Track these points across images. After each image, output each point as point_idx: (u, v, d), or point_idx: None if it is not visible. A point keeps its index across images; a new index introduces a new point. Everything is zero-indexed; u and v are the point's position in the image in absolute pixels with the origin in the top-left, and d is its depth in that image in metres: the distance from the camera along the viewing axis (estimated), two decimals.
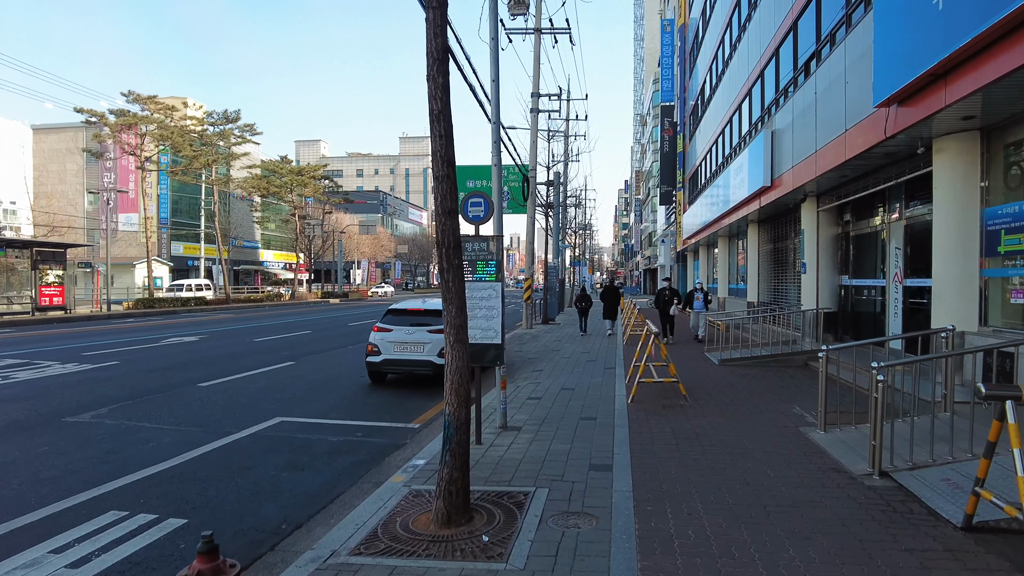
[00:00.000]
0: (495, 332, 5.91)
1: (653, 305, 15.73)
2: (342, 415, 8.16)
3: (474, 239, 5.93)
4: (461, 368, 4.03)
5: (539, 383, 9.76)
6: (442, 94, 3.86)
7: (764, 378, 9.85)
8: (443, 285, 4.01)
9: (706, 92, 26.02)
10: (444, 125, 3.88)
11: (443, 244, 3.98)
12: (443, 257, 3.98)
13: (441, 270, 4.00)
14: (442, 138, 3.88)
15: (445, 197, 3.94)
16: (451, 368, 4.02)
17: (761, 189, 14.71)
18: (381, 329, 10.42)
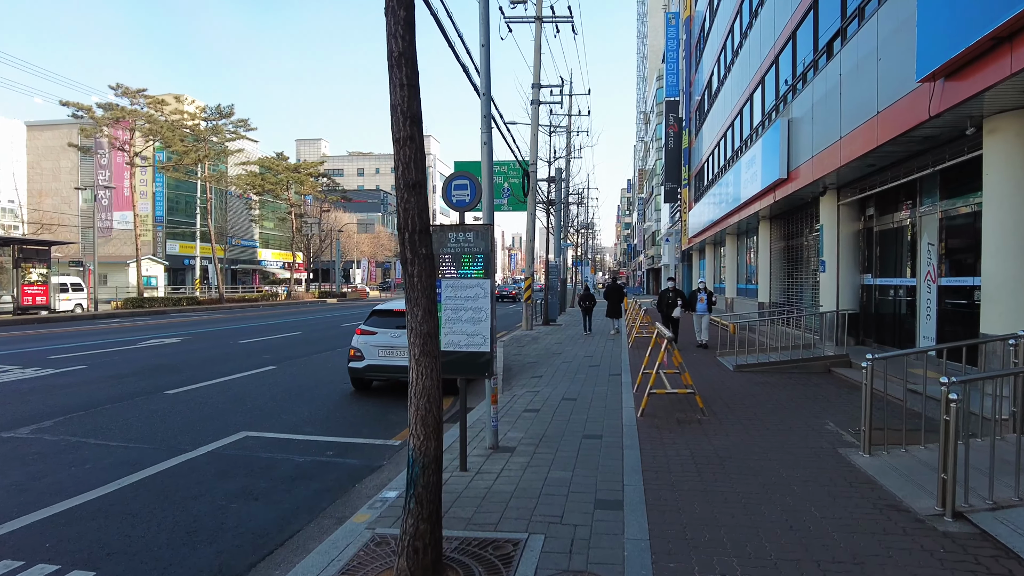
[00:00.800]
0: (483, 338, 5.00)
1: (656, 307, 14.54)
2: (316, 429, 7.26)
3: (458, 228, 5.03)
4: (430, 388, 3.12)
5: (538, 392, 8.85)
6: (404, 31, 2.95)
7: (786, 387, 8.93)
8: (406, 281, 3.10)
9: (713, 85, 25.08)
10: (407, 71, 2.97)
11: (405, 227, 3.07)
12: (405, 244, 3.07)
13: (404, 262, 3.10)
14: (404, 88, 2.97)
15: (409, 165, 3.02)
16: (416, 389, 3.11)
17: (776, 182, 13.78)
18: (364, 332, 9.53)
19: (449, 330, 5.04)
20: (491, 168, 5.89)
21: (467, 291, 5.01)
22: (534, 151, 20.46)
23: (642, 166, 75.92)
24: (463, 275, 5.02)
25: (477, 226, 4.99)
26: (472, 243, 5.00)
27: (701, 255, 33.54)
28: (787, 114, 13.38)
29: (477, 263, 4.99)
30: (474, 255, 5.00)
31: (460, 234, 5.01)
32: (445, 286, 5.05)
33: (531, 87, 20.57)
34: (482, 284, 5.00)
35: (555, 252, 27.62)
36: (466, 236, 5.01)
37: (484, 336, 5.00)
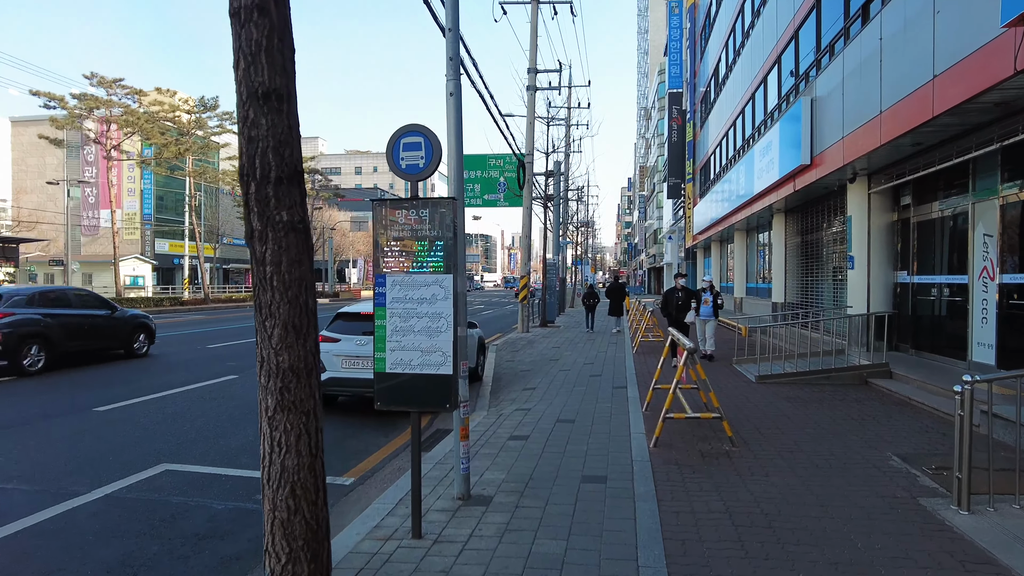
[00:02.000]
0: (443, 356, 3.63)
1: (660, 309, 11.71)
2: (255, 460, 5.89)
3: (408, 204, 3.66)
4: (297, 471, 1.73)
5: (529, 409, 7.48)
6: None
7: (822, 403, 7.55)
8: (254, 273, 1.72)
9: (720, 72, 23.70)
10: None
11: (251, 172, 1.69)
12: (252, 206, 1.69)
13: (249, 237, 1.72)
14: None
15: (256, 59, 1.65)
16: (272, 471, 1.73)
17: (797, 170, 12.40)
18: (326, 339, 8.16)
19: (396, 344, 3.67)
20: (459, 125, 4.51)
21: (421, 291, 3.64)
22: (530, 141, 19.09)
23: (643, 163, 74.55)
24: (416, 269, 3.65)
25: (435, 201, 3.62)
26: (428, 225, 3.63)
27: (706, 253, 32.18)
28: (810, 92, 11.99)
29: (435, 253, 3.62)
30: (431, 242, 3.62)
31: (411, 211, 3.64)
32: (391, 284, 3.68)
33: (527, 72, 19.21)
34: (442, 282, 3.62)
35: (553, 250, 26.23)
36: (419, 214, 3.64)
37: (444, 353, 3.62)
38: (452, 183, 4.45)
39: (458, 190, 4.41)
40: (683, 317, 11.23)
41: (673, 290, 11.59)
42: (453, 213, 3.59)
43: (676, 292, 11.44)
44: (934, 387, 7.67)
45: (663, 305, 11.51)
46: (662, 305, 11.54)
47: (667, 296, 11.58)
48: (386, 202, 3.68)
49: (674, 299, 11.34)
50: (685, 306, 11.35)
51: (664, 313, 11.58)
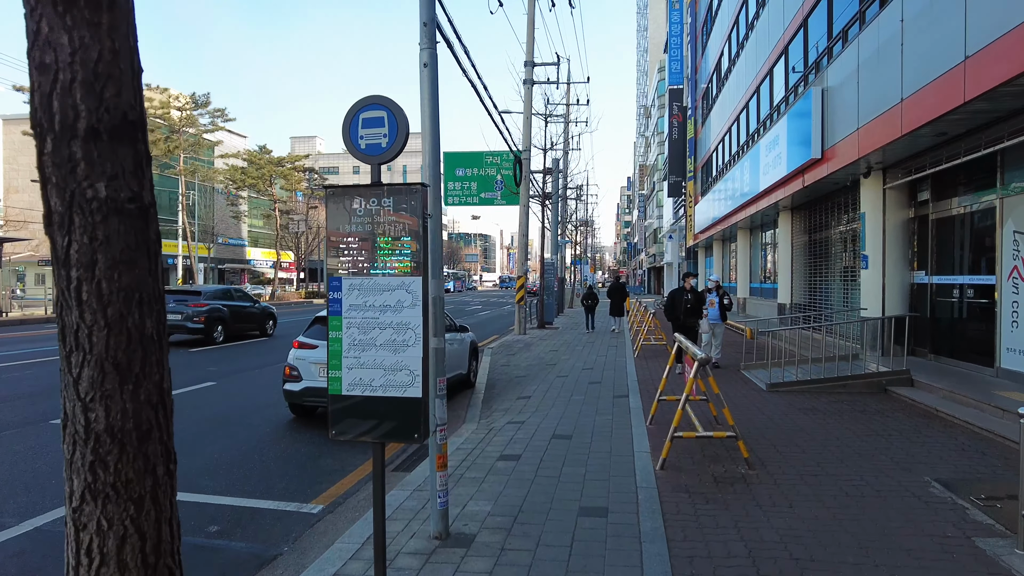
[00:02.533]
0: (410, 376, 3.01)
1: (665, 312, 10.46)
2: (215, 483, 5.29)
3: (369, 192, 3.03)
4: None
5: (522, 423, 6.86)
6: None
7: (842, 415, 6.93)
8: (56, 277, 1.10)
9: (723, 66, 23.08)
10: None
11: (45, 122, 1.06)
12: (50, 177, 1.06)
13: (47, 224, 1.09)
14: None
15: None
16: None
17: (807, 164, 11.79)
18: (303, 345, 7.56)
19: (354, 361, 3.05)
20: (434, 101, 3.90)
21: (383, 297, 3.01)
22: (527, 136, 18.48)
23: (643, 162, 73.96)
24: (379, 270, 3.02)
25: (401, 188, 3.00)
26: (394, 217, 3.00)
27: (708, 252, 31.59)
28: (821, 83, 11.37)
29: (402, 251, 3.00)
30: (397, 238, 3.00)
31: (372, 201, 3.02)
32: (348, 288, 3.06)
33: (524, 65, 18.58)
34: (409, 286, 3.00)
35: (552, 249, 25.62)
36: (381, 204, 3.01)
37: (412, 372, 3.00)
38: (427, 168, 3.83)
39: (434, 175, 3.79)
40: (693, 322, 9.94)
41: (681, 291, 10.14)
42: (423, 203, 2.97)
43: (685, 294, 10.02)
44: (963, 397, 7.05)
45: (669, 308, 10.21)
46: (668, 308, 10.17)
47: (674, 298, 10.18)
48: (341, 189, 3.06)
49: (682, 302, 9.96)
50: (695, 310, 9.97)
51: (670, 317, 10.22)
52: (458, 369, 9.30)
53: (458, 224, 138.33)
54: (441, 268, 3.56)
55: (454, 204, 27.68)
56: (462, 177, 27.55)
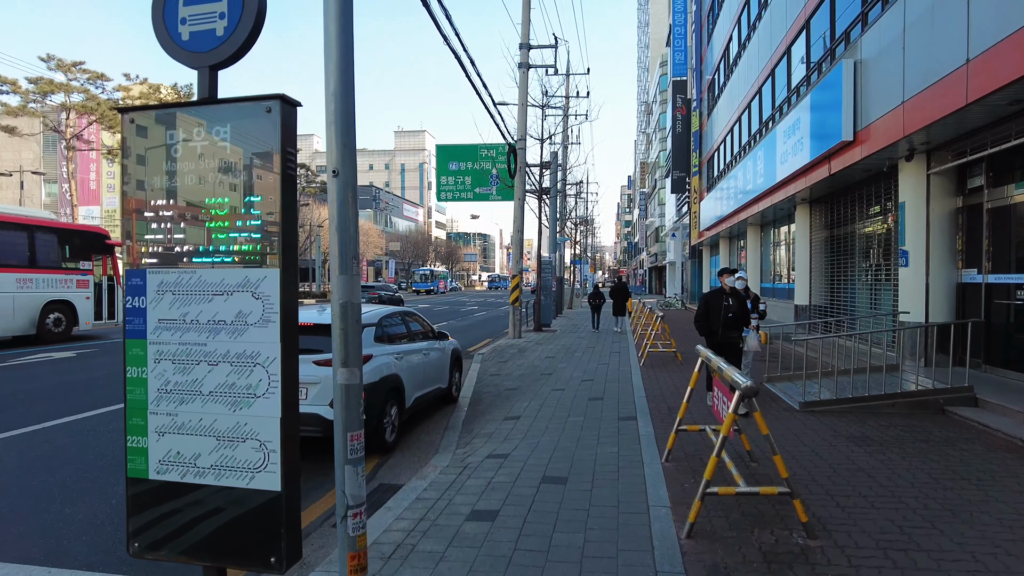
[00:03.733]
0: (260, 452, 1.62)
1: (696, 323, 7.41)
2: (93, 549, 3.92)
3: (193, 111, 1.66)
4: None
5: (506, 457, 5.50)
6: None
7: (903, 447, 5.57)
8: None
9: (731, 51, 21.73)
10: None
11: None
12: None
13: None
14: None
15: None
16: None
17: (836, 148, 10.43)
18: None
19: (167, 420, 1.71)
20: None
21: (215, 306, 1.65)
22: (522, 124, 17.12)
23: (644, 159, 72.63)
24: (207, 257, 1.66)
25: (245, 104, 1.62)
26: (230, 159, 1.63)
27: (714, 251, 30.23)
28: (852, 55, 10.01)
29: (251, 222, 1.63)
30: (236, 210, 1.63)
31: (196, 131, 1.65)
32: (155, 290, 1.70)
33: (519, 48, 17.23)
34: (258, 285, 1.63)
35: (549, 247, 24.26)
36: (213, 138, 1.64)
37: (264, 444, 1.63)
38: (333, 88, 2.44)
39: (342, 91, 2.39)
40: (735, 336, 7.23)
41: (718, 294, 7.27)
42: (283, 132, 1.60)
43: (724, 299, 7.20)
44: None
45: (702, 317, 7.28)
46: (700, 317, 7.29)
47: (709, 304, 7.26)
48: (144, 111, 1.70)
49: (721, 309, 7.14)
50: (739, 319, 7.16)
51: (704, 329, 7.27)
52: (437, 383, 7.95)
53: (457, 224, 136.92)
54: (356, 254, 2.22)
55: (447, 199, 26.36)
56: (455, 171, 26.21)
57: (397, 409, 6.49)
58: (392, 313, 7.22)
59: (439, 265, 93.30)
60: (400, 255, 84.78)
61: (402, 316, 7.45)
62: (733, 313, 7.16)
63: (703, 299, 7.49)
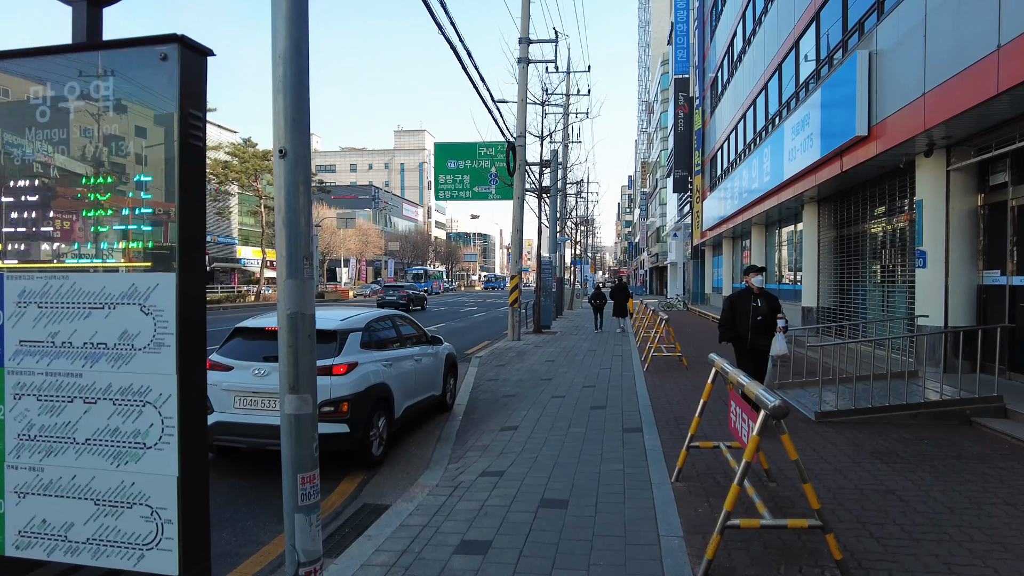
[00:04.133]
0: (151, 521, 1.17)
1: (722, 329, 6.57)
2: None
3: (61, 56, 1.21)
4: None
5: (502, 474, 5.06)
6: None
7: (933, 465, 5.12)
8: None
9: (736, 47, 21.29)
10: None
11: None
12: None
13: None
14: None
15: None
16: None
17: (849, 144, 9.99)
18: (216, 366, 5.76)
19: (30, 478, 1.24)
20: None
21: (92, 323, 1.19)
22: (522, 121, 16.68)
23: (645, 159, 72.21)
24: (83, 258, 1.21)
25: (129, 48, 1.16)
26: (115, 126, 1.18)
27: (716, 251, 29.78)
28: (867, 45, 9.57)
29: (141, 210, 1.18)
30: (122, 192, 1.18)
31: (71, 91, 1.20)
32: (14, 301, 1.24)
33: (518, 43, 16.79)
34: (148, 294, 1.17)
35: (550, 247, 23.82)
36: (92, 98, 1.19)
37: (156, 511, 1.18)
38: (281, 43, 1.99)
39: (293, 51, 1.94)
40: (763, 343, 6.32)
41: (745, 295, 6.41)
42: (180, 84, 1.15)
43: (752, 300, 6.33)
44: None
45: (727, 321, 6.45)
46: (725, 321, 6.48)
47: (735, 306, 6.42)
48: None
49: (749, 311, 6.27)
50: (767, 324, 6.28)
51: (728, 335, 6.44)
52: (429, 391, 7.50)
53: (457, 224, 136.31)
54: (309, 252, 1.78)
55: (445, 198, 25.94)
56: (454, 170, 25.78)
57: (385, 420, 6.06)
58: (381, 317, 6.77)
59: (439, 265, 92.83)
60: (399, 255, 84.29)
61: (392, 320, 7.01)
62: (762, 316, 6.23)
63: (728, 301, 6.63)
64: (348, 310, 6.81)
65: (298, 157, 1.89)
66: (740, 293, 6.57)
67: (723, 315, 6.56)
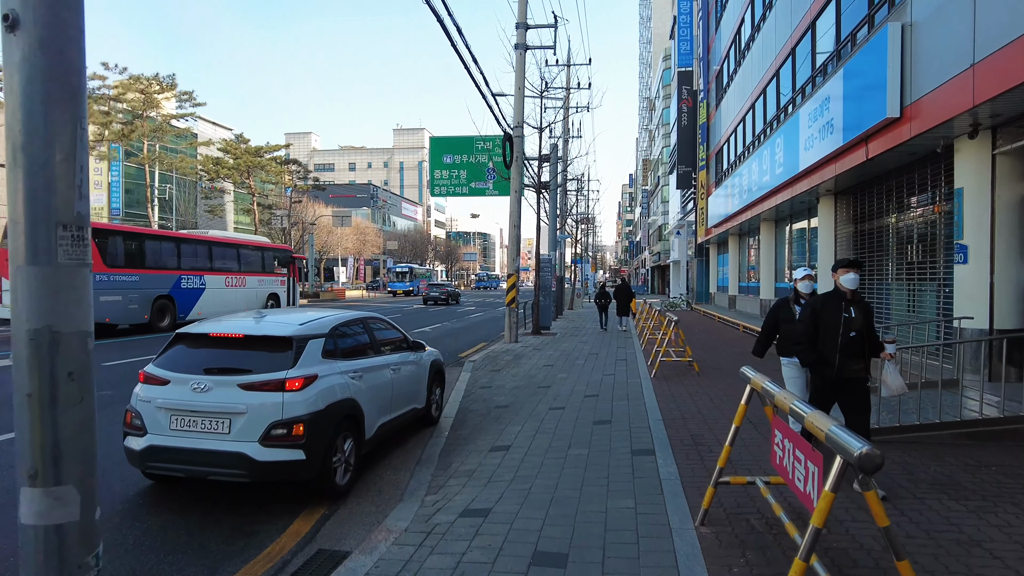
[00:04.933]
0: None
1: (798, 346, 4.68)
2: None
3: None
4: None
5: (487, 514, 4.15)
6: None
7: (1014, 499, 4.21)
8: None
9: (743, 35, 20.37)
10: None
11: None
12: None
13: None
14: None
15: None
16: None
17: (878, 127, 9.08)
18: (151, 379, 4.86)
19: None
20: None
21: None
22: (519, 110, 15.73)
23: (646, 156, 71.27)
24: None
25: None
26: None
27: (722, 248, 28.86)
28: (900, 17, 8.66)
29: None
30: None
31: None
32: None
33: (515, 28, 15.85)
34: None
35: (549, 245, 22.89)
36: None
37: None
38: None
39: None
40: (859, 369, 4.50)
41: (834, 302, 4.51)
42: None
43: (843, 308, 4.47)
44: None
45: (808, 336, 4.55)
46: (807, 336, 4.56)
47: (819, 314, 4.52)
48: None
49: (839, 324, 4.43)
50: (864, 342, 4.53)
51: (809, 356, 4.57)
52: (411, 403, 6.59)
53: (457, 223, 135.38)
54: (79, 215, 0.92)
55: (441, 195, 25.05)
56: (450, 165, 24.88)
57: (353, 442, 5.14)
58: (351, 320, 5.85)
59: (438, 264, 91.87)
60: (398, 254, 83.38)
61: (364, 323, 6.08)
62: (857, 332, 4.42)
63: (808, 309, 4.63)
64: (314, 312, 5.90)
65: (47, 31, 1.01)
66: (826, 298, 4.58)
67: (804, 328, 4.58)
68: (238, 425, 4.51)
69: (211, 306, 20.19)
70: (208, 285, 20.42)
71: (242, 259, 22.16)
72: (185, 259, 19.64)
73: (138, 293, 17.53)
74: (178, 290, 19.12)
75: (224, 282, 21.21)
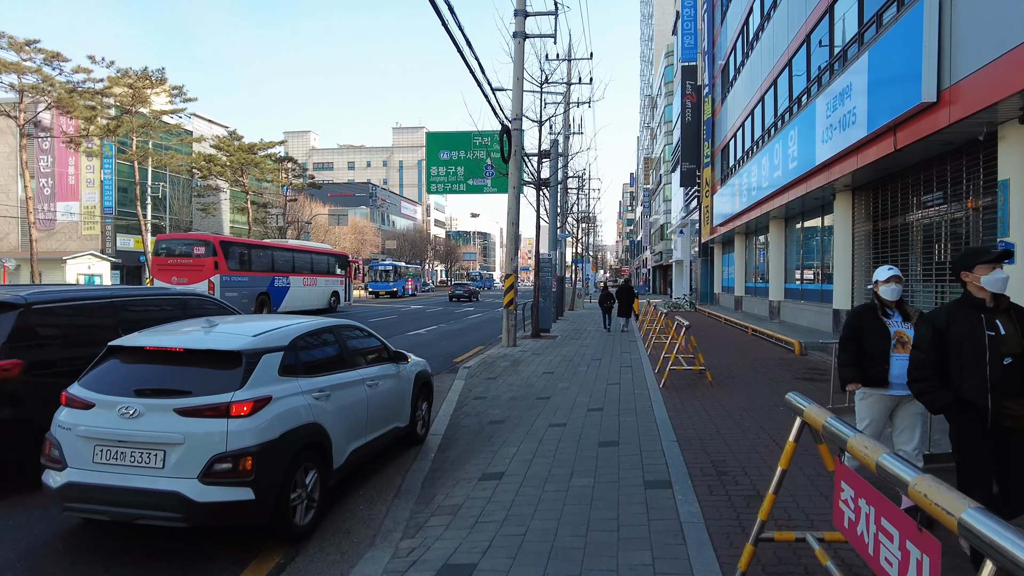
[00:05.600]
0: None
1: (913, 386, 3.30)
2: None
3: None
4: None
5: (474, 567, 3.36)
6: None
7: None
8: None
9: (752, 25, 19.57)
10: None
11: None
12: None
13: None
14: None
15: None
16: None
17: (910, 113, 8.29)
18: (73, 401, 4.08)
19: None
20: None
21: None
22: (518, 102, 14.95)
23: (648, 154, 70.45)
24: None
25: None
26: None
27: (727, 248, 28.06)
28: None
29: None
30: None
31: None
32: None
33: (514, 15, 15.07)
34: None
35: (549, 244, 22.12)
36: None
37: None
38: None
39: None
40: (1018, 409, 3.02)
41: (971, 313, 3.12)
42: None
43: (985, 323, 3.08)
44: None
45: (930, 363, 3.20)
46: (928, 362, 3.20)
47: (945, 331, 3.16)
48: None
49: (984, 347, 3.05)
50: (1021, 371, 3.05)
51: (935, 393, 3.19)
52: (392, 422, 5.80)
53: (456, 222, 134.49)
54: None
55: (438, 192, 24.28)
56: (447, 161, 24.10)
57: (317, 475, 4.35)
58: (319, 329, 5.07)
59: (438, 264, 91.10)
60: (397, 253, 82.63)
61: (335, 332, 5.29)
62: (1014, 358, 3.04)
63: (927, 327, 3.28)
64: (277, 320, 5.12)
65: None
66: (954, 310, 3.21)
67: (921, 356, 3.25)
68: (173, 458, 3.73)
69: (294, 302, 24.55)
70: (292, 285, 24.63)
71: (314, 263, 26.40)
72: (277, 264, 23.77)
73: (248, 290, 21.79)
74: (272, 288, 23.37)
75: (302, 282, 25.41)
